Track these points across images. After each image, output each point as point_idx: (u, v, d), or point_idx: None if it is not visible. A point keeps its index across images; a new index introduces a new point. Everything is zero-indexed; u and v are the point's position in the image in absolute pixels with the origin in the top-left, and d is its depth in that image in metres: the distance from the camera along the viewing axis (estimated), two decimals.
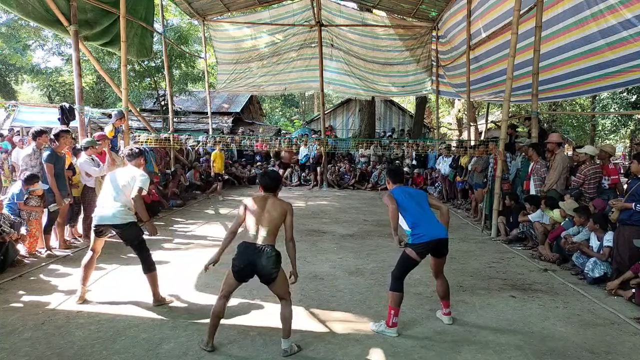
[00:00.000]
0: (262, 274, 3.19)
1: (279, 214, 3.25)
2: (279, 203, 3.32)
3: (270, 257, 3.14)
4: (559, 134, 8.46)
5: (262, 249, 3.15)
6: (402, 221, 3.70)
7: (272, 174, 3.53)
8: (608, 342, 3.56)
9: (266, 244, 3.17)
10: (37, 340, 3.39)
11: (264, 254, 3.14)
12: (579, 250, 5.34)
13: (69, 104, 8.36)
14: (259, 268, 3.15)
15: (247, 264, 3.17)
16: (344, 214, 9.51)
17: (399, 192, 3.78)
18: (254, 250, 3.16)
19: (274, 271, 3.16)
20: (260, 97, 27.76)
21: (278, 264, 3.19)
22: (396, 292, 3.61)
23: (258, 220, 3.23)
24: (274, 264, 3.16)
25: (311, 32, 14.73)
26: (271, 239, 3.22)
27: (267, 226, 3.20)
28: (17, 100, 23.87)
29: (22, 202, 5.46)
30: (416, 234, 3.60)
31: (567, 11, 7.33)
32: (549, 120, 22.26)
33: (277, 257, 3.19)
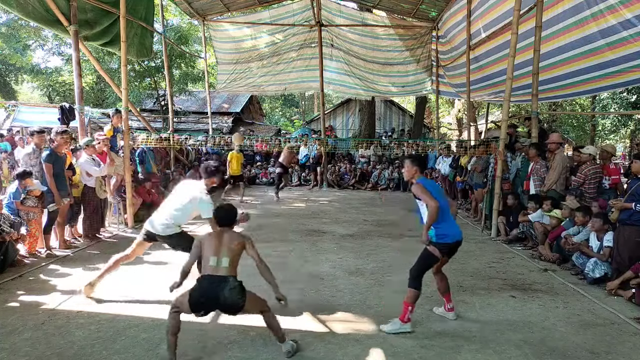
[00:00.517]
0: (227, 306, 3.02)
1: (236, 247, 3.16)
2: (235, 236, 3.25)
3: (233, 287, 2.99)
4: (559, 134, 8.46)
5: (226, 279, 3.00)
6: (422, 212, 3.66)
7: (227, 207, 3.37)
8: (608, 342, 3.56)
9: (229, 274, 3.04)
10: (37, 340, 3.39)
11: (227, 284, 2.98)
12: (579, 251, 5.34)
13: (69, 104, 8.37)
14: (222, 300, 2.97)
15: (210, 298, 2.98)
16: (344, 214, 9.51)
17: (429, 185, 3.69)
18: (217, 282, 2.99)
19: (240, 300, 3.01)
20: (260, 97, 27.76)
21: (243, 292, 3.05)
22: (416, 290, 3.62)
23: (217, 250, 3.10)
24: (239, 293, 3.01)
25: (311, 32, 14.73)
26: (233, 269, 3.09)
27: (228, 256, 3.08)
28: (17, 100, 23.87)
29: (18, 202, 5.44)
30: (441, 233, 3.59)
31: (567, 11, 7.33)
32: (549, 120, 22.25)
33: (241, 286, 3.06)
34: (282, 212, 9.61)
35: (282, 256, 5.92)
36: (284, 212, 9.63)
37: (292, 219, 8.76)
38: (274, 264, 5.47)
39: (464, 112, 23.42)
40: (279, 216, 9.05)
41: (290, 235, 7.29)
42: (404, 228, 8.02)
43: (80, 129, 7.91)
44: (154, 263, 5.55)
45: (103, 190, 6.87)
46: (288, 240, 6.88)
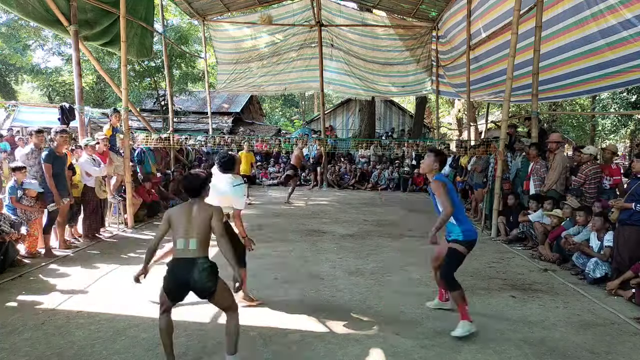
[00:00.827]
0: (198, 290, 2.84)
1: (204, 220, 2.88)
2: (204, 208, 2.95)
3: (203, 269, 2.79)
4: (560, 133, 8.47)
5: (194, 261, 2.80)
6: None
7: (193, 174, 3.11)
8: (608, 342, 3.56)
9: (198, 256, 2.82)
10: (37, 340, 3.38)
11: (195, 267, 2.79)
12: (579, 251, 5.34)
13: (69, 104, 8.36)
14: (192, 283, 2.79)
15: (180, 283, 2.82)
16: (344, 214, 9.51)
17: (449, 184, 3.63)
18: (185, 265, 2.81)
19: (209, 284, 2.82)
20: (260, 97, 27.78)
21: (213, 275, 2.84)
22: (457, 290, 3.58)
23: (185, 230, 2.87)
24: (208, 276, 2.80)
25: (311, 32, 14.74)
26: (203, 249, 2.87)
27: (196, 236, 2.85)
28: (17, 100, 23.87)
29: (14, 197, 5.43)
30: (466, 230, 3.64)
31: (567, 11, 7.33)
32: (549, 120, 22.25)
33: (212, 268, 2.85)
34: (282, 212, 9.61)
35: (282, 256, 5.92)
36: (284, 212, 9.63)
37: (292, 219, 8.77)
38: (274, 264, 5.51)
39: (464, 112, 23.42)
40: (279, 216, 9.05)
41: (290, 235, 7.29)
42: (404, 228, 8.02)
43: (80, 129, 7.91)
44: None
45: (103, 190, 6.88)
46: (288, 240, 6.88)
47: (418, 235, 7.46)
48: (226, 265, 2.95)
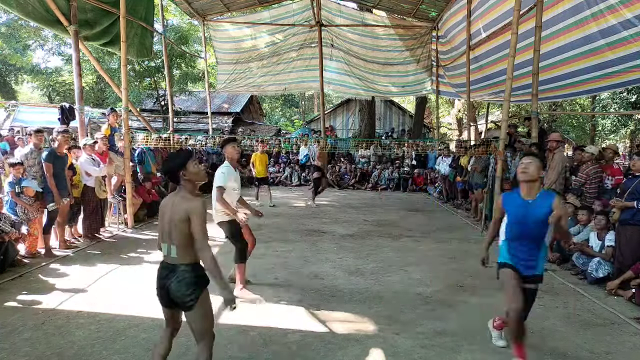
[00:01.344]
0: (176, 301, 2.47)
1: (182, 219, 2.43)
2: (182, 204, 2.47)
3: (182, 279, 2.43)
4: (559, 133, 8.46)
5: (173, 268, 2.48)
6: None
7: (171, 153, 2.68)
8: (608, 342, 3.56)
9: (178, 263, 2.47)
10: (37, 340, 3.38)
11: (174, 274, 2.45)
12: (580, 251, 5.34)
13: (69, 104, 8.36)
14: (171, 293, 2.46)
15: (161, 289, 2.51)
16: (344, 214, 9.50)
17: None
18: (166, 271, 2.50)
19: (187, 298, 2.42)
20: (260, 97, 27.76)
21: (193, 287, 2.44)
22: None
23: (164, 232, 2.52)
24: (187, 287, 2.42)
25: (311, 32, 14.73)
26: (184, 256, 2.46)
27: (174, 243, 2.46)
28: (17, 100, 23.87)
29: (13, 191, 5.42)
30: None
31: (567, 11, 7.33)
32: (549, 120, 22.24)
33: (195, 278, 2.45)
34: (282, 212, 9.61)
35: (282, 256, 5.92)
36: (284, 212, 9.63)
37: (292, 219, 8.77)
38: (274, 264, 5.51)
39: (464, 112, 23.42)
40: (278, 216, 9.05)
41: (290, 235, 7.29)
42: (404, 228, 8.02)
43: (80, 129, 7.91)
44: (154, 263, 5.55)
45: (103, 190, 6.88)
46: (288, 240, 6.89)
47: (418, 235, 7.47)
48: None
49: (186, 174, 2.53)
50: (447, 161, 11.54)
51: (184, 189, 2.55)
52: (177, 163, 2.54)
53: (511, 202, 3.14)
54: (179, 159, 2.56)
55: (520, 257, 3.09)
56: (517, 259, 3.10)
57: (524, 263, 3.08)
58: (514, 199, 3.14)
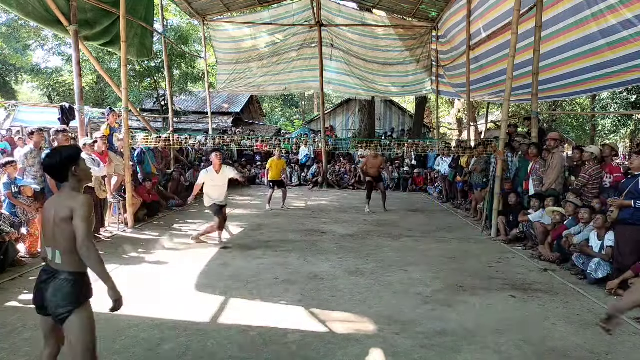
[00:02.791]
0: (51, 309, 2.23)
1: (65, 218, 2.19)
2: (65, 202, 2.23)
3: (59, 288, 2.21)
4: (558, 132, 8.47)
5: (55, 274, 2.25)
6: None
7: (53, 149, 2.45)
8: (608, 342, 3.56)
9: (63, 269, 2.24)
10: (37, 340, 3.37)
11: (55, 280, 2.23)
12: (580, 252, 5.33)
13: (69, 104, 8.36)
14: (46, 300, 2.23)
15: (37, 294, 2.28)
16: (344, 214, 9.50)
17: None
18: (45, 276, 2.27)
19: (60, 310, 2.19)
20: (260, 97, 27.77)
21: (70, 299, 2.21)
22: None
23: (47, 235, 2.30)
24: (63, 298, 2.19)
25: (311, 32, 14.73)
26: (70, 261, 2.25)
27: (59, 247, 2.23)
28: (17, 100, 23.87)
29: (10, 192, 5.41)
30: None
31: (567, 11, 7.33)
32: (549, 120, 22.24)
33: (75, 288, 2.24)
34: (282, 212, 9.61)
35: (282, 256, 5.92)
36: (284, 212, 9.63)
37: (292, 219, 8.77)
38: (274, 264, 5.51)
39: (464, 112, 23.41)
40: (278, 216, 9.05)
41: (290, 235, 7.29)
42: (404, 228, 8.02)
43: (80, 129, 7.91)
44: (153, 263, 5.55)
45: (103, 190, 6.88)
46: (288, 240, 6.88)
47: (418, 235, 7.47)
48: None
49: (77, 170, 2.29)
50: (447, 161, 11.55)
51: (69, 187, 2.30)
52: (68, 156, 2.27)
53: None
54: (70, 152, 2.30)
55: None
56: None
57: None
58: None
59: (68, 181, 2.29)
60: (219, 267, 5.41)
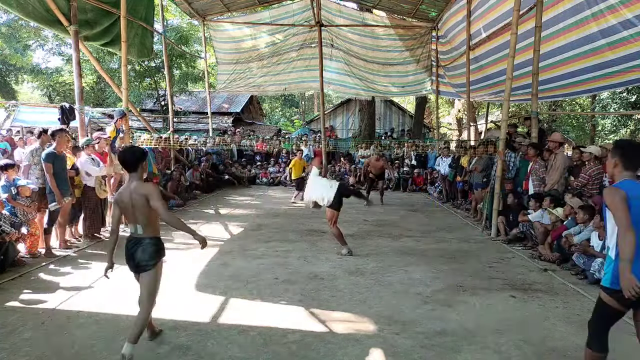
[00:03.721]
0: (140, 265, 3.11)
1: (143, 203, 3.01)
2: (140, 189, 3.04)
3: (145, 248, 3.07)
4: (561, 134, 8.47)
5: (141, 240, 3.10)
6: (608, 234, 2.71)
7: (129, 148, 3.29)
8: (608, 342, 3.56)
9: (144, 237, 3.09)
10: (37, 340, 3.39)
11: (141, 245, 3.08)
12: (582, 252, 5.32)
13: (69, 104, 8.36)
14: (137, 260, 3.09)
15: (129, 258, 3.14)
16: (343, 214, 9.41)
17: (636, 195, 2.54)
18: (134, 243, 3.11)
19: (148, 262, 3.08)
20: (260, 97, 27.78)
21: (154, 255, 3.09)
22: (592, 351, 2.70)
23: (131, 217, 3.09)
24: (149, 255, 3.07)
25: (311, 32, 14.73)
26: (149, 230, 3.10)
27: (140, 222, 3.06)
28: (17, 100, 23.87)
29: (9, 195, 5.41)
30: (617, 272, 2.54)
31: (567, 11, 7.33)
32: (549, 120, 22.24)
33: (155, 246, 3.09)
34: (282, 212, 9.61)
35: (282, 256, 5.92)
36: (284, 212, 9.63)
37: (292, 219, 8.77)
38: (274, 264, 5.51)
39: (464, 112, 23.42)
40: (278, 216, 9.05)
41: (290, 235, 7.29)
42: (404, 228, 8.02)
43: (80, 129, 7.91)
44: None
45: (103, 190, 6.88)
46: (288, 240, 6.89)
47: (418, 235, 7.47)
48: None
49: (143, 165, 3.15)
50: (447, 161, 11.55)
51: (136, 177, 3.10)
52: (141, 154, 3.15)
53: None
54: (142, 151, 3.19)
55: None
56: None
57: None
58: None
59: (137, 172, 3.10)
60: (219, 267, 5.41)
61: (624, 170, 2.65)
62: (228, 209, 9.89)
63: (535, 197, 6.62)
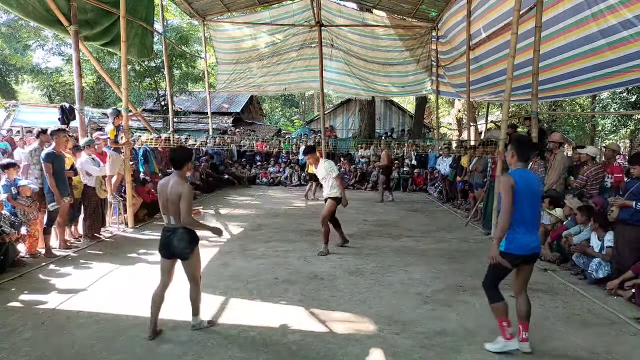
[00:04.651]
0: (176, 253, 3.44)
1: (176, 200, 3.33)
2: (177, 186, 3.35)
3: (180, 238, 3.38)
4: (561, 134, 8.46)
5: (174, 230, 3.41)
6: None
7: (182, 147, 3.62)
8: (608, 342, 3.56)
9: (177, 227, 3.40)
10: (37, 340, 3.39)
11: (175, 234, 3.39)
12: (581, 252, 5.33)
13: (69, 104, 8.35)
14: (173, 248, 3.41)
15: (164, 246, 3.45)
16: (343, 214, 9.46)
17: (523, 183, 3.13)
18: (168, 233, 3.43)
19: (185, 251, 3.40)
20: (260, 97, 27.78)
21: (189, 243, 3.40)
22: (496, 303, 3.32)
23: (165, 209, 3.43)
24: (185, 244, 3.39)
25: (311, 32, 14.72)
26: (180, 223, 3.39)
27: (173, 214, 3.38)
28: (17, 100, 23.87)
29: (9, 195, 5.41)
30: (512, 239, 3.19)
31: (567, 11, 7.32)
32: (549, 120, 22.23)
33: (189, 236, 3.41)
34: (282, 212, 9.61)
35: (282, 256, 5.92)
36: (284, 212, 9.62)
37: (292, 219, 8.76)
38: (274, 264, 5.51)
39: (464, 112, 23.41)
40: (278, 216, 9.05)
41: (290, 235, 7.29)
42: (404, 228, 8.02)
43: (80, 129, 7.91)
44: (153, 263, 5.54)
45: (103, 190, 6.88)
46: (288, 240, 6.89)
47: (418, 235, 7.47)
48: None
49: (189, 165, 3.48)
50: (447, 161, 11.55)
51: (178, 175, 3.42)
52: (188, 155, 3.53)
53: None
54: (189, 152, 3.60)
55: None
56: None
57: None
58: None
59: (181, 170, 3.43)
60: (219, 267, 5.41)
61: (518, 161, 3.25)
62: (228, 209, 9.88)
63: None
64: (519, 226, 3.15)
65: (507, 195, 3.12)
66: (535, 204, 3.24)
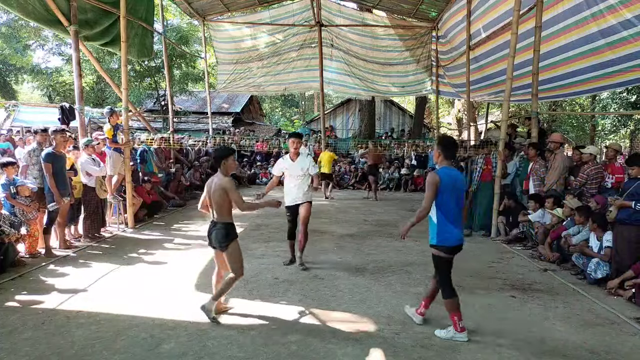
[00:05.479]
0: (217, 244, 3.77)
1: (220, 195, 3.66)
2: (220, 182, 3.68)
3: (219, 230, 3.73)
4: (561, 134, 8.47)
5: (215, 224, 3.78)
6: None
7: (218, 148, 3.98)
8: (608, 342, 3.56)
9: (217, 221, 3.76)
10: (37, 340, 3.39)
11: (215, 228, 3.76)
12: (580, 252, 5.33)
13: (69, 104, 8.36)
14: (213, 239, 3.77)
15: (209, 235, 3.84)
16: (343, 214, 9.50)
17: (446, 179, 3.42)
18: (212, 225, 3.82)
19: (222, 243, 3.72)
20: (260, 97, 27.77)
21: (227, 236, 3.71)
22: (449, 299, 3.51)
23: (209, 204, 3.84)
24: (222, 237, 3.70)
25: (311, 32, 14.73)
26: (221, 217, 3.75)
27: (215, 210, 3.76)
28: (17, 100, 23.86)
29: (8, 194, 5.40)
30: (442, 232, 3.49)
31: (567, 11, 7.33)
32: (549, 120, 22.24)
33: (226, 230, 3.71)
34: (282, 212, 9.58)
35: (282, 256, 5.92)
36: (284, 212, 9.59)
37: None
38: (274, 264, 5.51)
39: (464, 112, 23.42)
40: (278, 216, 9.03)
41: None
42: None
43: (80, 129, 7.90)
44: (153, 263, 5.55)
45: (103, 190, 6.88)
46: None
47: (418, 235, 7.46)
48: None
49: (226, 163, 3.75)
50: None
51: (220, 172, 3.75)
52: (224, 154, 3.76)
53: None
54: (222, 152, 3.79)
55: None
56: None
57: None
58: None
59: (220, 167, 3.75)
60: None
61: (444, 159, 3.52)
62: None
63: (534, 198, 6.62)
64: (449, 220, 3.46)
65: (430, 190, 3.41)
66: (459, 199, 3.51)
